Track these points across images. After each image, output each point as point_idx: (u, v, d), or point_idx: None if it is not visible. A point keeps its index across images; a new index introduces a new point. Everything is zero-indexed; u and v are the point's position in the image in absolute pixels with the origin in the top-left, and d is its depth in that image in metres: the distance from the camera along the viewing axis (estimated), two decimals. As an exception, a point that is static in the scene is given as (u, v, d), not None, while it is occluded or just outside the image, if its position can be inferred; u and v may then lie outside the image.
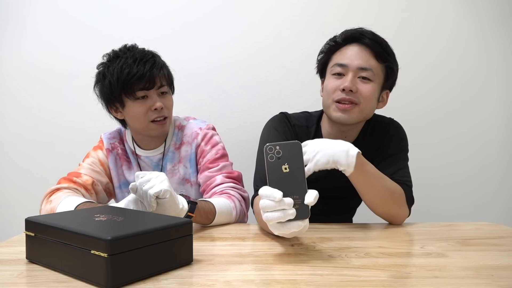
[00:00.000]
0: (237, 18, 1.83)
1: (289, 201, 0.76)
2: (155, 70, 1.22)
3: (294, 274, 0.73)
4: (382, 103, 1.25)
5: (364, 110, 1.18)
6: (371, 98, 1.17)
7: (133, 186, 0.94)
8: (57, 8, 1.84)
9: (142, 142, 1.35)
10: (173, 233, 0.75)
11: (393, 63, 1.20)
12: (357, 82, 1.16)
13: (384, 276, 0.72)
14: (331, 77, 1.20)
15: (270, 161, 0.79)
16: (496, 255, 0.86)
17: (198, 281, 0.70)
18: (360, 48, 1.18)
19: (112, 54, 1.26)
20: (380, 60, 1.17)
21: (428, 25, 1.82)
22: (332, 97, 1.18)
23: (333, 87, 1.18)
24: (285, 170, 0.79)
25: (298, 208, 0.78)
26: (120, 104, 1.25)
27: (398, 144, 1.26)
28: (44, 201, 1.19)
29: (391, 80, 1.23)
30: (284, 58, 1.84)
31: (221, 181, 1.26)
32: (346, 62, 1.17)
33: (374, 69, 1.17)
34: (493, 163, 1.88)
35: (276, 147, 0.79)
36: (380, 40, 1.18)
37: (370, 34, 1.18)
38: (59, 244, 0.73)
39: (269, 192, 0.76)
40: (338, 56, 1.21)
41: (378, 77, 1.18)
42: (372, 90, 1.16)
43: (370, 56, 1.17)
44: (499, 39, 1.84)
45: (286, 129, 1.27)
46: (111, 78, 1.21)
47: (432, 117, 1.85)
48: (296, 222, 0.78)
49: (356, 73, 1.16)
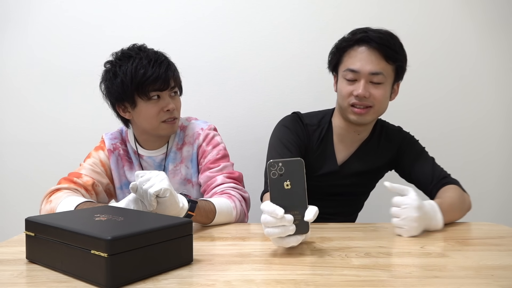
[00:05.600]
0: (237, 18, 1.83)
1: (289, 218, 0.80)
2: (169, 72, 1.23)
3: (294, 274, 0.73)
4: (394, 94, 1.30)
5: (379, 111, 1.25)
6: (384, 100, 1.23)
7: (133, 185, 0.94)
8: (56, 8, 1.84)
9: (146, 142, 1.35)
10: (173, 233, 0.75)
11: (402, 61, 1.24)
12: (369, 87, 1.20)
13: (384, 276, 0.72)
14: (344, 81, 1.24)
15: (272, 178, 0.82)
16: (496, 255, 0.86)
17: (198, 281, 0.70)
18: (369, 51, 1.20)
19: (122, 53, 1.25)
20: (390, 62, 1.20)
21: (427, 22, 1.83)
22: (347, 101, 1.23)
23: (347, 93, 1.23)
24: (287, 187, 0.82)
25: (298, 224, 0.81)
26: (130, 104, 1.25)
27: (419, 147, 1.36)
28: (44, 201, 1.19)
29: (401, 74, 1.27)
30: (284, 57, 1.84)
31: (222, 181, 1.26)
32: (358, 68, 1.20)
33: (384, 71, 1.20)
34: (492, 162, 1.89)
35: (279, 163, 0.81)
36: (387, 41, 1.20)
37: (377, 38, 1.19)
38: (59, 244, 0.73)
39: (271, 208, 0.80)
40: (349, 59, 1.23)
41: (389, 77, 1.22)
42: (384, 92, 1.22)
43: (380, 59, 1.19)
44: (497, 37, 1.84)
45: (298, 128, 1.31)
46: (123, 78, 1.21)
47: (431, 115, 1.86)
48: (295, 236, 0.82)
49: (368, 78, 1.20)
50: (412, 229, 0.99)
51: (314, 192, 1.29)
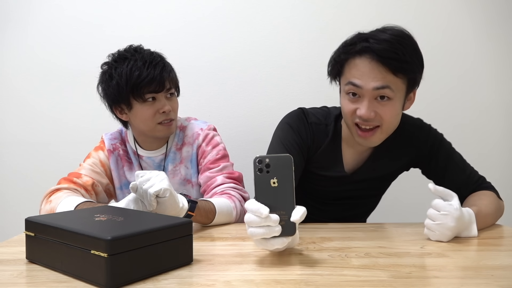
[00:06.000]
0: (237, 18, 1.83)
1: (275, 218, 0.73)
2: (164, 74, 1.23)
3: (294, 274, 0.73)
4: (410, 103, 1.12)
5: (388, 130, 1.09)
6: (393, 118, 1.06)
7: (133, 185, 0.94)
8: (57, 8, 1.84)
9: (144, 143, 1.35)
10: (173, 233, 0.75)
11: (416, 71, 1.04)
12: (375, 105, 1.03)
13: (384, 276, 0.72)
14: (346, 97, 1.07)
15: (258, 174, 0.76)
16: (496, 255, 0.85)
17: (198, 281, 0.70)
18: (372, 64, 1.01)
19: (119, 55, 1.25)
20: (399, 75, 1.02)
21: (427, 21, 1.82)
22: (351, 120, 1.08)
23: (350, 111, 1.07)
24: (274, 185, 0.75)
25: (284, 225, 0.75)
26: (126, 106, 1.25)
27: (447, 146, 1.22)
28: (43, 201, 1.19)
29: (417, 83, 1.08)
30: (284, 58, 1.84)
31: (222, 181, 1.26)
32: (360, 82, 1.02)
33: (393, 85, 1.01)
34: (491, 163, 1.88)
35: (266, 159, 0.75)
36: (395, 51, 0.99)
37: (381, 50, 0.99)
38: (59, 244, 0.73)
39: (256, 207, 0.73)
40: (349, 71, 1.06)
41: (399, 90, 1.04)
42: (393, 109, 1.04)
43: (387, 72, 1.00)
44: (496, 34, 1.84)
45: (301, 127, 1.17)
46: (119, 80, 1.21)
47: (431, 115, 1.85)
48: (281, 238, 0.75)
49: (372, 95, 1.02)
50: (444, 236, 0.94)
51: (319, 196, 1.28)
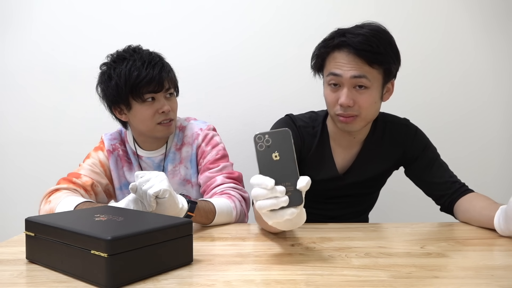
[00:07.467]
0: (236, 17, 1.83)
1: (281, 189, 0.74)
2: (163, 74, 1.23)
3: (294, 274, 0.73)
4: (388, 94, 1.21)
5: (367, 118, 1.16)
6: (370, 106, 1.14)
7: (133, 186, 0.94)
8: (58, 7, 1.84)
9: (144, 143, 1.35)
10: (173, 233, 0.75)
11: (391, 62, 1.13)
12: (354, 93, 1.12)
13: (384, 276, 0.72)
14: (328, 88, 1.16)
15: (260, 150, 0.77)
16: (496, 255, 0.86)
17: (198, 281, 0.70)
18: (349, 57, 1.10)
19: (117, 55, 1.25)
20: (374, 66, 1.10)
21: (425, 21, 1.82)
22: (333, 110, 1.16)
23: (332, 101, 1.15)
24: (276, 158, 0.77)
25: (291, 195, 0.75)
26: (125, 106, 1.25)
27: (430, 148, 1.27)
28: (43, 201, 1.19)
29: (392, 73, 1.17)
30: (283, 56, 1.84)
31: (222, 181, 1.26)
32: (339, 72, 1.11)
33: (368, 74, 1.10)
34: (490, 159, 1.89)
35: (265, 135, 0.77)
36: (369, 44, 1.09)
37: (357, 43, 1.08)
38: (59, 244, 0.73)
39: (261, 180, 0.74)
40: (331, 63, 1.14)
41: (376, 80, 1.12)
42: (370, 98, 1.12)
43: (363, 63, 1.10)
44: (493, 32, 1.84)
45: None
46: (118, 80, 1.21)
47: (431, 115, 1.86)
48: (290, 209, 0.75)
49: (351, 83, 1.11)
50: None
51: (314, 196, 1.28)
